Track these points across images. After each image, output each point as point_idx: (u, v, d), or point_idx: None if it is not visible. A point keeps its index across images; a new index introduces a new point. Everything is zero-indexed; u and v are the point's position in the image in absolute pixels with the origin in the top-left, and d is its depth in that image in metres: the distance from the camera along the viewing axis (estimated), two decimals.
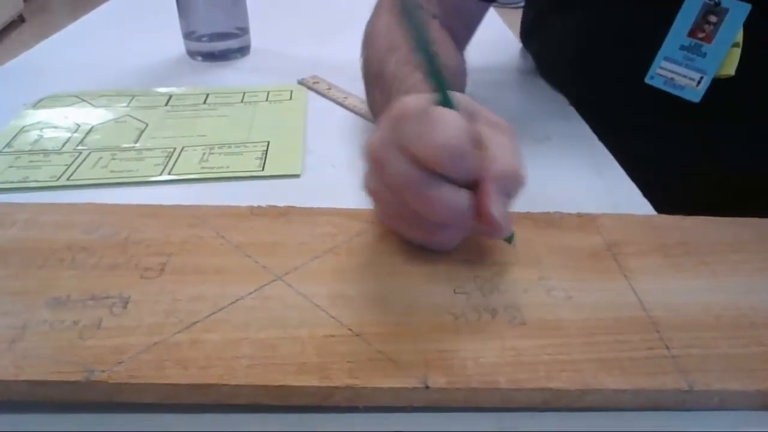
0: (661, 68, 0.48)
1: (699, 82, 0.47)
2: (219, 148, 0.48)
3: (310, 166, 0.46)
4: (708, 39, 0.46)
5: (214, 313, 0.29)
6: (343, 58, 0.70)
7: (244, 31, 0.70)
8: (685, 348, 0.28)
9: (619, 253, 0.34)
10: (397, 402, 0.26)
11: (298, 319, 0.29)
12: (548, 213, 0.38)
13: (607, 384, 0.26)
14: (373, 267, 0.33)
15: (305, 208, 0.38)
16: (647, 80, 0.49)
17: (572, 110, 0.55)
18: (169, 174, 0.45)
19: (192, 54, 0.70)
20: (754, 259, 0.34)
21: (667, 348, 0.28)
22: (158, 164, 0.46)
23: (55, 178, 0.44)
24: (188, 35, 0.69)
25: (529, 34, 0.67)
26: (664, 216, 0.39)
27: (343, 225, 0.36)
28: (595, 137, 0.50)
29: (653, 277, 0.33)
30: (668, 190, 0.43)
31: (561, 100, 0.57)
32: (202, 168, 0.45)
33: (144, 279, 0.31)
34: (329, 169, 0.46)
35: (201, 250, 0.34)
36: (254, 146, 0.49)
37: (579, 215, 0.38)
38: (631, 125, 0.52)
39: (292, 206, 0.38)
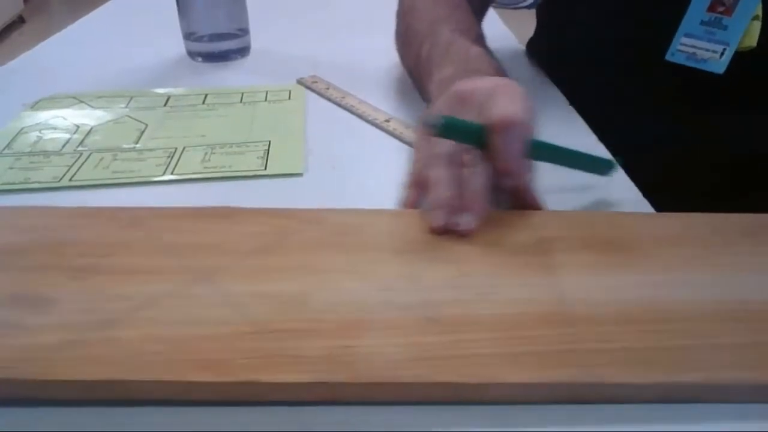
0: (683, 44, 0.49)
1: (722, 54, 0.47)
2: (220, 147, 0.48)
3: (310, 166, 0.46)
4: (728, 12, 0.47)
5: (134, 311, 0.29)
6: (341, 58, 0.70)
7: (244, 31, 0.70)
8: (598, 342, 0.28)
9: (550, 248, 0.34)
10: (297, 397, 0.26)
11: (215, 318, 0.29)
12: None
13: (508, 378, 0.26)
14: (301, 266, 0.33)
15: (249, 209, 0.38)
16: (668, 57, 0.50)
17: (572, 110, 0.55)
18: (172, 174, 0.45)
19: (192, 55, 0.70)
20: (685, 254, 0.34)
21: (579, 342, 0.28)
22: (160, 164, 0.46)
23: (57, 179, 0.44)
24: (188, 36, 0.69)
25: (542, 26, 0.67)
26: (600, 212, 0.40)
27: (280, 225, 0.36)
28: (595, 137, 0.50)
29: (580, 273, 0.32)
30: (677, 176, 0.43)
31: (561, 100, 0.58)
32: (205, 168, 0.45)
33: (71, 279, 0.32)
34: (330, 169, 0.46)
35: (133, 251, 0.34)
36: (255, 146, 0.49)
37: (512, 211, 0.38)
38: (649, 107, 0.53)
39: (238, 208, 0.38)
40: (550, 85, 0.61)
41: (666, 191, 0.42)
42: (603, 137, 0.50)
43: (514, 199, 0.39)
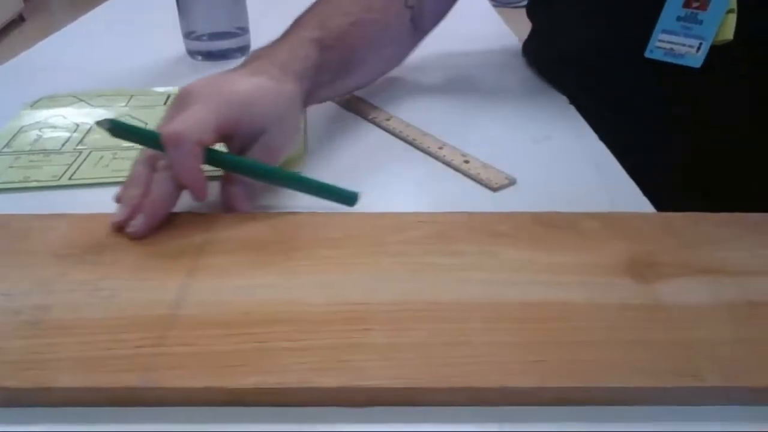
0: (660, 41, 0.50)
1: (698, 48, 0.48)
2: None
3: (310, 166, 0.46)
4: (703, 6, 0.47)
5: None
6: None
7: (243, 30, 0.70)
8: (174, 347, 0.28)
9: (211, 250, 0.34)
10: None
11: None
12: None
13: (66, 383, 0.26)
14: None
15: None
16: (647, 54, 0.51)
17: (572, 110, 0.55)
18: None
19: (192, 53, 0.70)
20: (345, 254, 0.34)
21: (161, 346, 0.28)
22: None
23: (57, 178, 0.44)
24: (188, 35, 0.69)
25: (533, 29, 0.67)
26: (272, 213, 0.39)
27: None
28: (595, 136, 0.50)
29: (218, 275, 0.32)
30: (667, 174, 0.43)
31: (561, 100, 0.58)
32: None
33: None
34: (330, 168, 0.46)
35: None
36: None
37: (204, 213, 0.38)
38: (631, 104, 0.53)
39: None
40: (550, 84, 0.61)
41: (666, 191, 0.42)
42: (600, 138, 0.50)
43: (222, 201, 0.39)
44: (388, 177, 0.45)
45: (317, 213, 0.38)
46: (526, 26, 0.68)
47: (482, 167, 0.45)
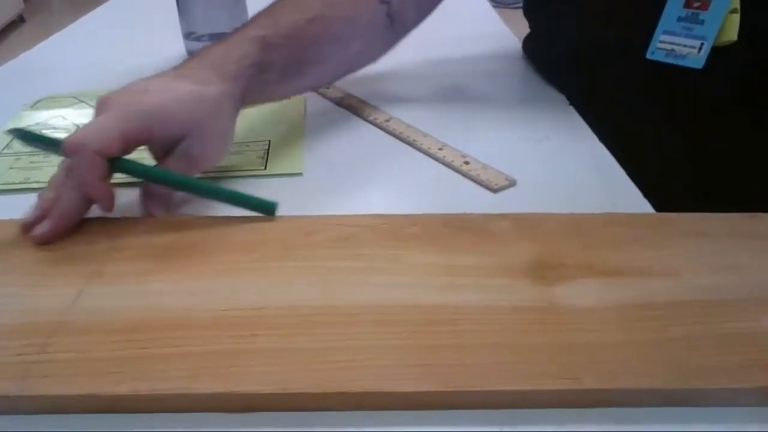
0: (662, 42, 0.49)
1: (700, 49, 0.48)
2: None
3: (310, 165, 0.46)
4: (704, 6, 0.47)
5: None
6: None
7: None
8: (55, 353, 0.28)
9: (120, 257, 0.34)
10: None
11: None
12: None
13: None
14: None
15: None
16: (648, 56, 0.50)
17: (572, 110, 0.55)
18: None
19: (192, 54, 0.70)
20: (249, 259, 0.34)
21: (43, 353, 0.28)
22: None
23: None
24: (188, 35, 0.69)
25: (530, 35, 0.67)
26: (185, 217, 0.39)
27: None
28: (594, 137, 0.50)
29: (115, 282, 0.32)
30: (667, 174, 0.43)
31: (561, 100, 0.58)
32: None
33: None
34: (330, 169, 0.46)
35: None
36: (255, 145, 0.49)
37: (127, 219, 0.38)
38: (632, 105, 0.53)
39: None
40: (550, 84, 0.61)
41: (666, 192, 0.42)
42: (601, 139, 0.50)
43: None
44: (387, 178, 0.45)
45: (231, 218, 0.38)
46: (526, 26, 0.68)
47: (482, 168, 0.45)
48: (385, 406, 0.26)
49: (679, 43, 0.49)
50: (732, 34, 0.47)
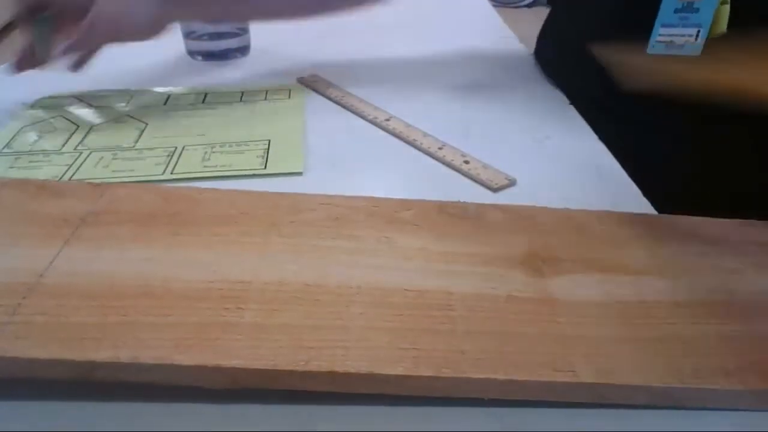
0: (661, 35, 0.50)
1: (696, 36, 0.48)
2: (220, 147, 0.48)
3: (310, 165, 0.46)
4: None
5: None
6: (342, 57, 0.70)
7: (244, 30, 0.70)
8: (29, 315, 0.26)
9: (87, 221, 0.33)
10: None
11: None
12: None
13: None
14: None
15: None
16: (649, 51, 0.50)
17: (572, 110, 0.56)
18: (172, 173, 0.45)
19: (192, 53, 0.70)
20: (236, 232, 0.33)
21: (16, 315, 0.26)
22: (160, 163, 0.46)
23: (57, 179, 0.44)
24: (188, 34, 0.69)
25: (542, 36, 0.68)
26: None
27: None
28: (595, 137, 0.51)
29: (95, 247, 0.31)
30: (667, 175, 0.43)
31: (561, 100, 0.58)
32: (205, 167, 0.45)
33: None
34: (330, 168, 0.46)
35: None
36: (255, 145, 0.49)
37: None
38: (632, 107, 0.53)
39: None
40: (550, 84, 0.62)
41: (666, 192, 0.42)
42: (605, 140, 0.50)
43: None
44: (387, 177, 0.45)
45: (218, 189, 0.37)
46: (526, 26, 0.68)
47: (482, 168, 0.45)
48: (376, 389, 0.26)
49: (676, 34, 0.49)
50: (723, 25, 0.47)
